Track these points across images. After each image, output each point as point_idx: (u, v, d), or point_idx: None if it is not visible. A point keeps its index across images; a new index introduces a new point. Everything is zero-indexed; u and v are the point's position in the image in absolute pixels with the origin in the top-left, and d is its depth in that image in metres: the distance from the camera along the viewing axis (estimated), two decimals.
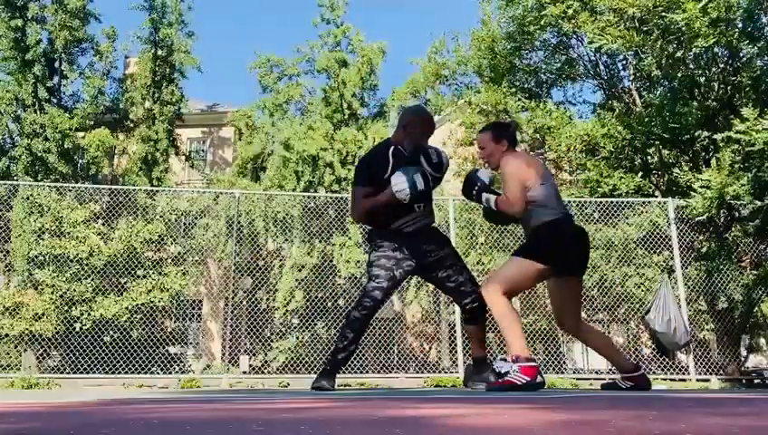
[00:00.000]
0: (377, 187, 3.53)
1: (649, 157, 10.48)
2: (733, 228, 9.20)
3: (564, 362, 11.44)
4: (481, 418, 1.61)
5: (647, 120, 9.22)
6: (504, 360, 3.28)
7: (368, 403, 2.27)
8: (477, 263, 9.54)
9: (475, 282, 3.68)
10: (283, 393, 3.97)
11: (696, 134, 8.77)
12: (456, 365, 7.97)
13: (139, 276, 10.15)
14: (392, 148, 3.64)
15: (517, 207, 3.34)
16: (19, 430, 1.32)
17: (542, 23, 10.03)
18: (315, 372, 8.77)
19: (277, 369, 11.53)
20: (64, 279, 9.37)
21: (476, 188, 3.52)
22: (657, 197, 9.40)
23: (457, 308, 7.56)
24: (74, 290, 9.34)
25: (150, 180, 14.94)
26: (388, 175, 3.50)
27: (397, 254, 3.56)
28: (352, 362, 7.54)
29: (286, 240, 12.50)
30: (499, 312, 3.29)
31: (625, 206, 8.67)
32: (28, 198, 10.12)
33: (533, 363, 3.23)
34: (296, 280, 11.82)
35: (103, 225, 10.30)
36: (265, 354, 12.22)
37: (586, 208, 8.85)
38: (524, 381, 3.15)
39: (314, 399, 2.58)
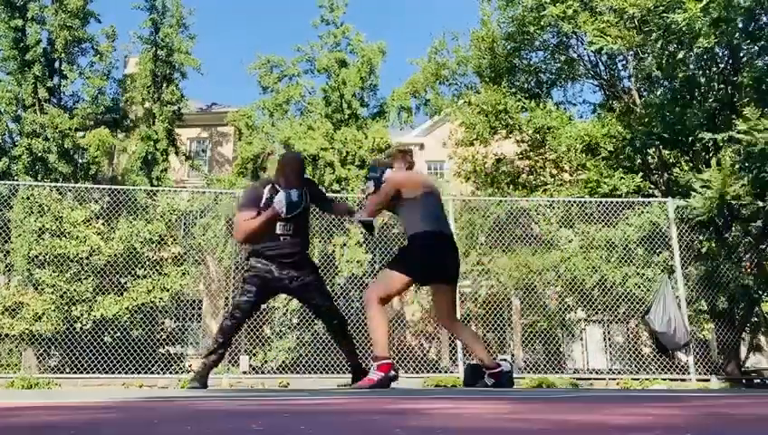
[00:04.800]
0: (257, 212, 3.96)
1: (649, 157, 10.47)
2: (733, 228, 9.20)
3: (564, 362, 11.44)
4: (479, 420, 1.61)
5: (647, 120, 9.21)
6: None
7: (371, 402, 2.27)
8: (477, 263, 9.54)
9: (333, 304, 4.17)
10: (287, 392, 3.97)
11: (697, 134, 8.77)
12: (456, 365, 7.98)
13: (139, 276, 10.15)
14: (269, 185, 4.04)
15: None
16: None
17: (541, 23, 10.03)
18: (315, 372, 8.74)
19: (277, 368, 11.52)
20: (64, 279, 9.37)
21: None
22: (657, 197, 9.39)
23: (457, 308, 7.58)
24: (74, 290, 9.34)
25: (150, 180, 14.93)
26: (263, 204, 3.95)
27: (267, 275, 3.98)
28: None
29: None
30: (371, 316, 3.67)
31: (625, 206, 8.67)
32: (28, 198, 10.12)
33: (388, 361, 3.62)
34: None
35: (103, 225, 10.30)
36: (265, 354, 12.21)
37: (586, 209, 8.85)
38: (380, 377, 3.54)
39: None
